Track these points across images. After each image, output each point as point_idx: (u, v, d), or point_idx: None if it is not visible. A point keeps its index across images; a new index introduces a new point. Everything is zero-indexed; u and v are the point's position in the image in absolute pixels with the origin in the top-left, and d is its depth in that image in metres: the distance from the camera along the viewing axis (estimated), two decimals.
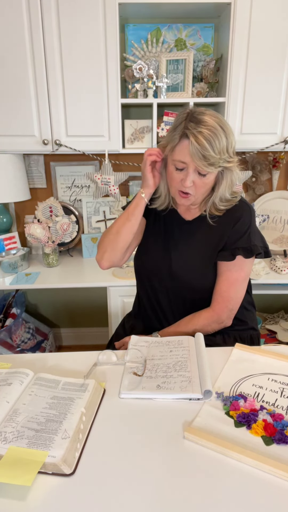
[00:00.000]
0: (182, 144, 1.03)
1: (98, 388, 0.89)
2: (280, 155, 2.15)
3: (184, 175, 1.06)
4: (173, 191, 1.14)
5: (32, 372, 0.93)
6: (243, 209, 1.16)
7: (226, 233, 1.16)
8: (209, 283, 1.20)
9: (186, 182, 1.06)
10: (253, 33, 1.74)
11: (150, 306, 1.31)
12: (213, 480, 0.66)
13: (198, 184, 1.08)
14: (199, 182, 1.07)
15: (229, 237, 1.15)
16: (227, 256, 1.15)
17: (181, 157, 1.04)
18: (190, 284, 1.20)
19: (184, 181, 1.06)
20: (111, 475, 0.68)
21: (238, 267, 1.16)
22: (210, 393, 0.86)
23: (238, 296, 1.19)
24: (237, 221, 1.15)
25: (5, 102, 1.81)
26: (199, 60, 2.01)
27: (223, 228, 1.16)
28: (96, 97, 1.81)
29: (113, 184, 2.02)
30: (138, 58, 2.01)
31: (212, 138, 1.00)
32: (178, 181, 1.09)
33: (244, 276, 1.18)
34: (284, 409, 0.83)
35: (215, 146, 1.01)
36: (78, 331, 2.62)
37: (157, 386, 0.89)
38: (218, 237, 1.17)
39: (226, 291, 1.17)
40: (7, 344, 2.06)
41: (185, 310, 1.22)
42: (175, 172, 1.08)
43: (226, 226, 1.16)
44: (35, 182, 2.27)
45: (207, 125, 1.01)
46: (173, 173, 1.09)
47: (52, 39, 1.73)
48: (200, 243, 1.20)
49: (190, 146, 1.01)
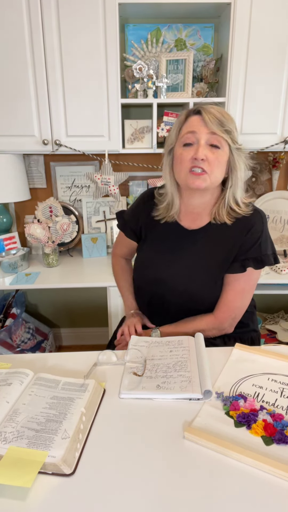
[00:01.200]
0: (192, 118, 1.04)
1: (98, 388, 0.89)
2: (280, 155, 2.15)
3: (195, 149, 1.02)
4: (184, 175, 1.05)
5: (32, 372, 0.93)
6: (254, 217, 1.10)
7: (237, 243, 1.10)
8: (215, 295, 1.15)
9: (199, 153, 1.00)
10: (253, 33, 1.74)
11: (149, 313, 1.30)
12: (213, 480, 0.66)
13: (211, 160, 1.02)
14: (212, 156, 1.02)
15: (240, 247, 1.10)
16: (237, 268, 1.11)
17: (190, 128, 1.02)
18: (194, 298, 1.16)
19: (196, 153, 1.01)
20: (111, 475, 0.68)
21: (247, 277, 1.12)
22: (210, 393, 0.86)
23: (243, 305, 1.17)
24: (248, 230, 1.09)
25: (5, 102, 1.81)
26: (199, 60, 2.01)
27: (234, 237, 1.10)
28: (96, 97, 1.81)
29: (113, 184, 2.02)
30: (138, 58, 2.01)
31: (223, 112, 1.04)
32: (189, 158, 1.03)
33: (251, 286, 1.15)
34: (284, 409, 0.83)
35: (227, 118, 1.03)
36: (78, 331, 2.61)
37: (157, 386, 0.89)
38: (227, 248, 1.11)
39: (232, 301, 1.14)
40: (7, 344, 2.06)
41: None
42: (185, 150, 1.04)
43: (237, 235, 1.10)
44: (35, 182, 2.27)
45: (213, 107, 1.04)
46: (182, 153, 1.04)
47: (52, 39, 1.73)
48: (206, 255, 1.13)
49: (204, 114, 1.01)
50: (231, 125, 1.03)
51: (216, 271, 1.14)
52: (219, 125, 1.01)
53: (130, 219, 1.29)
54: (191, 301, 1.16)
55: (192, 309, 1.19)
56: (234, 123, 1.06)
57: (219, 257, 1.12)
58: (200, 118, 1.02)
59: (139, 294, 1.32)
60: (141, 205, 1.26)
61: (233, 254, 1.11)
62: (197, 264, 1.14)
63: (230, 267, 1.12)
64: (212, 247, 1.13)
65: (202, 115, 1.01)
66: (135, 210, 1.28)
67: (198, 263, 1.14)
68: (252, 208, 1.12)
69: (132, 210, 1.29)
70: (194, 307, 1.18)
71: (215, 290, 1.15)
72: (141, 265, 1.26)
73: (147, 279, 1.22)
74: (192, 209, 1.15)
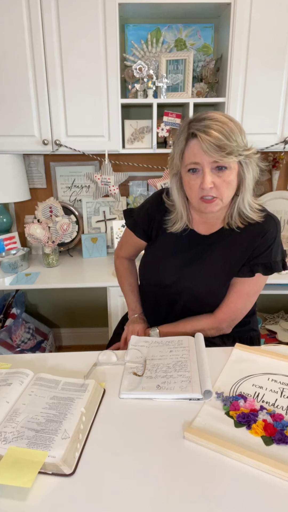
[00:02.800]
0: (190, 144, 0.98)
1: (98, 388, 0.89)
2: (280, 155, 2.15)
3: (201, 177, 0.98)
4: (195, 202, 1.04)
5: (32, 372, 0.93)
6: (269, 223, 1.08)
7: (250, 248, 1.08)
8: (221, 299, 1.15)
9: (205, 183, 0.97)
10: (253, 33, 1.74)
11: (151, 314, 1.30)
12: (213, 480, 0.66)
13: (219, 184, 0.99)
14: (219, 181, 0.98)
15: (252, 252, 1.08)
16: (245, 272, 1.10)
17: (192, 158, 0.98)
18: (201, 301, 1.16)
19: (202, 183, 0.98)
20: (111, 475, 0.68)
21: (253, 282, 1.11)
22: (210, 393, 0.86)
23: (245, 309, 1.16)
24: (263, 235, 1.07)
25: (5, 102, 1.81)
26: (199, 60, 2.01)
27: (247, 242, 1.08)
28: (96, 97, 1.81)
29: (113, 184, 2.02)
30: (138, 58, 2.01)
31: (221, 127, 0.94)
32: (197, 187, 1.00)
33: (256, 291, 1.14)
34: (284, 409, 0.83)
35: (227, 133, 0.93)
36: (78, 331, 2.61)
37: (157, 386, 0.89)
38: (239, 253, 1.10)
39: (234, 302, 1.13)
40: (7, 344, 2.06)
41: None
42: (192, 178, 1.01)
43: (251, 240, 1.08)
44: (35, 182, 2.27)
45: (211, 118, 0.95)
46: (190, 181, 1.01)
47: (52, 39, 1.73)
48: (218, 260, 1.12)
49: (200, 142, 0.94)
50: (232, 140, 0.94)
51: (226, 276, 1.13)
52: (218, 150, 0.93)
53: (142, 219, 1.25)
54: (195, 303, 1.17)
55: (197, 312, 1.19)
56: (239, 131, 0.97)
57: (230, 262, 1.11)
58: (200, 143, 0.95)
59: (143, 294, 1.33)
60: (155, 206, 1.22)
61: (245, 258, 1.10)
62: (208, 269, 1.13)
63: (239, 271, 1.11)
64: (224, 252, 1.12)
65: (200, 144, 0.94)
66: (148, 211, 1.23)
67: (209, 269, 1.13)
68: (265, 214, 1.10)
69: (145, 210, 1.24)
70: (200, 310, 1.18)
71: (221, 294, 1.15)
72: (150, 267, 1.23)
73: (154, 282, 1.21)
74: (205, 220, 1.14)
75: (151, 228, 1.24)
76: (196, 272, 1.14)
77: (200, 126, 0.95)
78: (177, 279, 1.15)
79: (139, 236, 1.28)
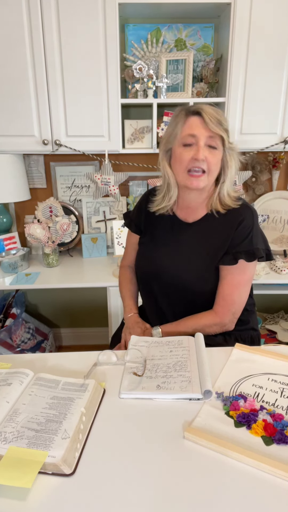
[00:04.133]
0: (190, 120, 1.08)
1: (98, 388, 0.89)
2: (280, 155, 2.15)
3: (195, 150, 1.07)
4: (182, 176, 1.12)
5: (32, 372, 0.93)
6: (245, 212, 1.15)
7: (229, 236, 1.15)
8: (210, 286, 1.18)
9: (199, 154, 1.06)
10: (253, 33, 1.74)
11: (150, 307, 1.32)
12: (213, 480, 0.66)
13: (210, 160, 1.08)
14: (211, 157, 1.08)
15: (231, 240, 1.14)
16: (229, 260, 1.14)
17: (190, 130, 1.07)
18: (190, 288, 1.19)
19: (196, 154, 1.06)
20: (111, 475, 0.68)
21: (241, 271, 1.15)
22: (210, 393, 0.86)
23: (241, 300, 1.19)
24: (239, 224, 1.14)
25: (5, 102, 1.81)
26: (199, 60, 2.01)
27: (226, 230, 1.15)
28: (96, 97, 1.81)
29: (113, 184, 2.02)
30: (138, 58, 2.01)
31: (219, 112, 1.09)
32: (188, 159, 1.08)
33: (247, 279, 1.17)
34: (284, 409, 0.83)
35: (223, 118, 1.09)
36: (78, 331, 2.61)
37: (157, 386, 0.89)
38: (220, 239, 1.16)
39: (229, 294, 1.16)
40: (7, 344, 2.06)
41: (186, 313, 1.22)
42: (185, 151, 1.09)
43: (229, 228, 1.15)
44: (35, 182, 2.27)
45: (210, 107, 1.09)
46: (182, 153, 1.09)
47: (52, 39, 1.73)
48: (201, 246, 1.18)
49: (204, 116, 1.05)
50: (226, 124, 1.10)
51: (208, 261, 1.17)
52: (219, 124, 1.07)
53: (135, 216, 1.35)
54: (186, 291, 1.19)
55: (188, 300, 1.21)
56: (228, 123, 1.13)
57: (211, 247, 1.17)
58: (199, 119, 1.07)
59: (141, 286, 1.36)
60: (144, 201, 1.32)
61: (226, 245, 1.15)
62: (192, 255, 1.19)
63: (223, 259, 1.16)
64: (206, 238, 1.18)
65: (203, 116, 1.06)
66: (138, 207, 1.34)
67: (193, 254, 1.19)
68: (242, 203, 1.18)
69: (137, 206, 1.36)
70: (190, 298, 1.20)
71: (209, 281, 1.18)
72: (141, 257, 1.31)
73: (146, 270, 1.27)
74: (188, 203, 1.20)
75: (141, 221, 1.31)
76: (181, 259, 1.19)
77: (199, 108, 1.08)
78: (165, 265, 1.21)
79: (134, 231, 1.36)
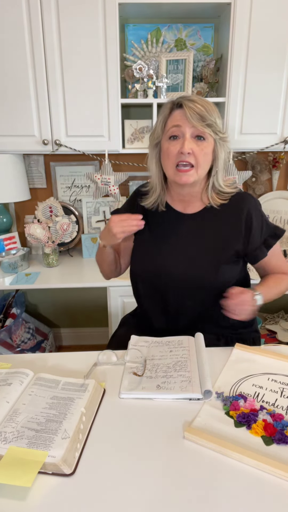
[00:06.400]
0: (174, 113, 1.06)
1: (98, 388, 0.89)
2: (280, 155, 2.15)
3: (181, 142, 1.04)
4: (171, 171, 1.09)
5: (32, 372, 0.93)
6: (247, 200, 1.14)
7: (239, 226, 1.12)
8: (221, 280, 1.13)
9: (185, 147, 1.03)
10: (253, 33, 1.74)
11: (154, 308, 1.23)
12: (213, 480, 0.66)
13: (197, 152, 1.05)
14: (198, 149, 1.05)
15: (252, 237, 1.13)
16: (263, 251, 1.16)
17: (175, 121, 1.05)
18: (199, 282, 1.13)
19: (182, 147, 1.03)
20: (111, 475, 0.68)
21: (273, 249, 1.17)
22: (210, 393, 0.86)
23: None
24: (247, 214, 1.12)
25: (5, 102, 1.81)
26: (199, 60, 2.01)
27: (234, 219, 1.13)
28: (96, 97, 1.81)
29: (113, 184, 2.01)
30: (138, 58, 2.01)
31: (204, 103, 1.05)
32: (175, 152, 1.05)
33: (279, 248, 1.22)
34: (284, 409, 0.83)
35: (209, 109, 1.04)
36: (78, 331, 2.61)
37: (157, 386, 0.89)
38: (230, 229, 1.13)
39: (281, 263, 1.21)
40: (7, 344, 2.06)
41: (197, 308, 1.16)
42: (171, 144, 1.06)
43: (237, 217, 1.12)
44: (35, 182, 2.27)
45: (195, 98, 1.06)
46: (169, 146, 1.06)
47: (52, 39, 1.73)
48: (209, 237, 1.14)
49: (185, 110, 1.02)
50: (213, 116, 1.05)
51: (219, 253, 1.13)
52: (200, 120, 1.03)
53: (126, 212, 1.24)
54: (195, 285, 1.14)
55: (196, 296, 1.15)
56: (217, 112, 1.07)
57: (221, 238, 1.14)
58: (183, 112, 1.04)
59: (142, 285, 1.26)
60: (135, 198, 1.27)
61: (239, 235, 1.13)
62: (198, 247, 1.15)
63: (257, 255, 1.16)
64: (212, 230, 1.15)
65: (184, 110, 1.03)
66: (129, 203, 1.29)
67: (198, 247, 1.15)
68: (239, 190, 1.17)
69: (126, 204, 1.30)
70: (198, 293, 1.15)
71: (220, 273, 1.13)
72: (143, 256, 1.23)
73: (150, 269, 1.19)
74: (182, 197, 1.18)
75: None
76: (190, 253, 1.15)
77: (185, 99, 1.05)
78: (170, 261, 1.16)
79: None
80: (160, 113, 1.11)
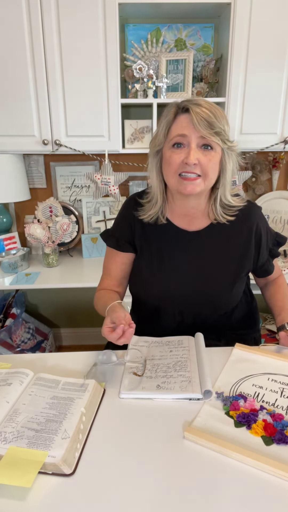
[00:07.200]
0: (180, 118, 0.96)
1: (98, 388, 0.89)
2: (280, 155, 2.15)
3: (186, 152, 0.95)
4: (174, 180, 0.99)
5: (32, 372, 0.93)
6: (255, 213, 1.10)
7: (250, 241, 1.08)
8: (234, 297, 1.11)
9: (190, 157, 0.93)
10: (253, 33, 1.74)
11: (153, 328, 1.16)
12: (213, 480, 0.66)
13: (205, 162, 0.95)
14: (205, 159, 0.95)
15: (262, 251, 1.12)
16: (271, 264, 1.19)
17: (180, 130, 0.95)
18: (213, 301, 1.09)
19: (187, 157, 0.93)
20: (111, 475, 0.68)
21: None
22: (210, 393, 0.86)
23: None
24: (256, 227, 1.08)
25: (5, 102, 1.81)
26: (199, 60, 2.01)
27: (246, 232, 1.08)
28: (96, 97, 1.81)
29: (113, 184, 2.01)
30: (138, 58, 2.01)
31: (212, 108, 0.94)
32: (179, 162, 0.95)
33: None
34: (284, 409, 0.83)
35: (218, 115, 0.94)
36: (78, 331, 2.61)
37: (157, 386, 0.89)
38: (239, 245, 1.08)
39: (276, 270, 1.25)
40: (7, 344, 2.06)
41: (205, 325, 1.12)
42: (175, 152, 0.96)
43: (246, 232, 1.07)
44: (35, 182, 2.27)
45: (202, 101, 0.96)
46: (172, 155, 0.96)
47: (52, 39, 1.73)
48: (219, 257, 1.08)
49: (192, 115, 0.92)
50: (221, 123, 0.95)
51: (233, 270, 1.09)
52: (208, 127, 0.93)
53: (121, 231, 1.15)
54: (208, 304, 1.10)
55: (208, 315, 1.12)
56: (225, 119, 0.97)
57: (231, 255, 1.09)
58: (189, 118, 0.94)
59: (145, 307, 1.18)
60: (130, 212, 1.13)
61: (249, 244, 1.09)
62: (210, 266, 1.08)
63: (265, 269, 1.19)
64: (221, 249, 1.08)
65: (190, 116, 0.93)
66: (123, 220, 1.15)
67: (210, 265, 1.08)
68: (247, 201, 1.12)
69: (120, 221, 1.17)
70: (211, 312, 1.12)
71: (234, 290, 1.10)
72: (149, 279, 1.12)
73: (155, 292, 1.11)
74: (186, 211, 1.09)
75: (133, 236, 1.14)
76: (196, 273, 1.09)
77: (191, 103, 0.95)
78: (180, 283, 1.08)
79: (126, 250, 1.15)
80: (163, 116, 1.00)
